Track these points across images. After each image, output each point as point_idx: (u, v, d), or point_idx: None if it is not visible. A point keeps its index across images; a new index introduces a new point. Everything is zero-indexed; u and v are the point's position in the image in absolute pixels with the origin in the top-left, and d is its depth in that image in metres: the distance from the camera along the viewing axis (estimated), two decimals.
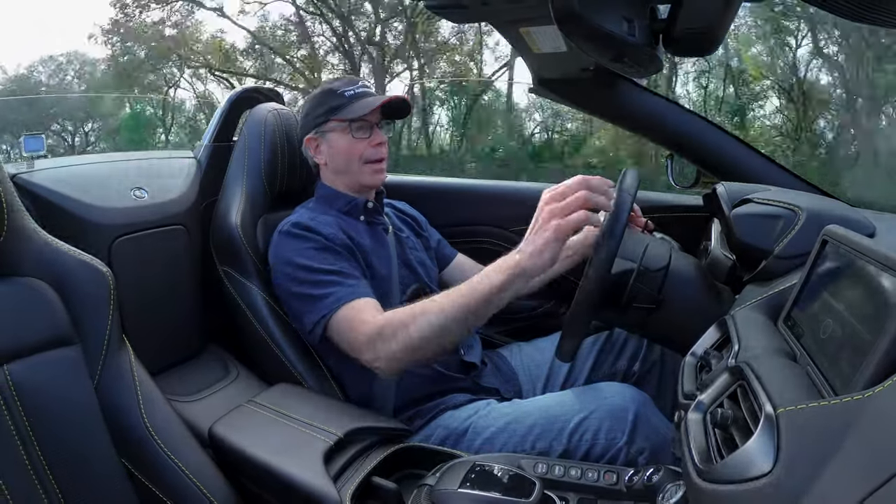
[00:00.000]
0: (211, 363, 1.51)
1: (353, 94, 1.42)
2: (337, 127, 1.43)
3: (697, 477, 0.61)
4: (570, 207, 1.07)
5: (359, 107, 1.40)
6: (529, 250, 1.08)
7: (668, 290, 1.11)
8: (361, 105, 1.40)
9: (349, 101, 1.41)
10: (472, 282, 1.14)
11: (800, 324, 0.76)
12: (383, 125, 1.47)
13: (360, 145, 1.43)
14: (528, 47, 1.36)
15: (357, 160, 1.43)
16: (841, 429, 0.49)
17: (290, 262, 1.32)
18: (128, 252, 1.37)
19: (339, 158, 1.46)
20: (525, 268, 1.09)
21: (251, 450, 1.03)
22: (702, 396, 0.76)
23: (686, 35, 0.93)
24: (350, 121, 1.41)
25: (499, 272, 1.11)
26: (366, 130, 1.43)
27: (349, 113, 1.41)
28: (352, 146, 1.43)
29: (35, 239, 0.93)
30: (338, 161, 1.46)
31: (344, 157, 1.45)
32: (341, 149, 1.44)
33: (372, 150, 1.43)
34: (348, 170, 1.45)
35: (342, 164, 1.46)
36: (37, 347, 0.88)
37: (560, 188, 1.09)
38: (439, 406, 1.33)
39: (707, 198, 1.28)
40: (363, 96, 1.42)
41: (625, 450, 1.12)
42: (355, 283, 1.28)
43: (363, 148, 1.43)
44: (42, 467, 0.84)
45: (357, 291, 1.27)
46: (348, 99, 1.42)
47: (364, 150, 1.43)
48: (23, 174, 1.33)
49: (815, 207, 1.00)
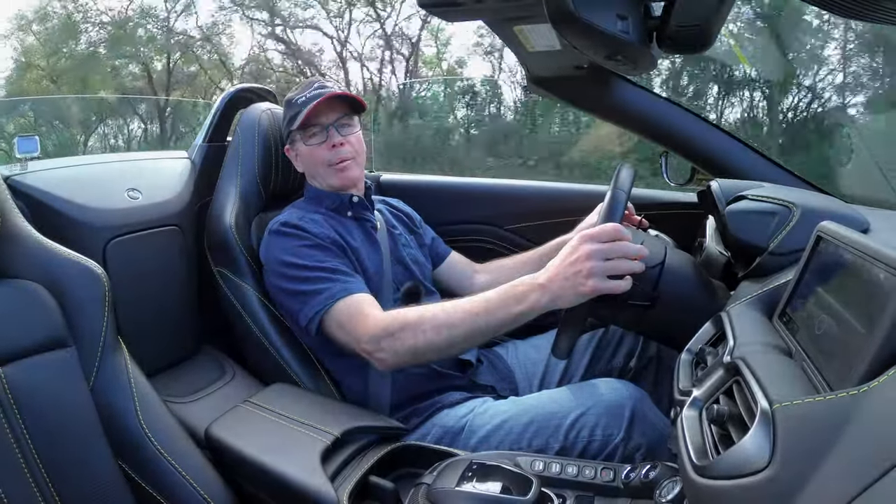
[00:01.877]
0: (206, 364, 1.50)
1: (305, 100, 1.41)
2: (297, 136, 1.44)
3: (694, 473, 0.61)
4: (613, 252, 1.05)
5: (307, 112, 1.39)
6: (558, 285, 1.07)
7: (664, 288, 1.11)
8: (309, 109, 1.39)
9: (300, 109, 1.41)
10: (491, 304, 1.13)
11: (795, 320, 0.76)
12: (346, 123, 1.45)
13: (318, 151, 1.42)
14: (521, 45, 1.35)
15: (321, 165, 1.43)
16: (836, 424, 0.49)
17: (282, 261, 1.32)
18: (122, 253, 1.36)
19: (306, 166, 1.47)
20: (546, 304, 1.09)
21: (248, 450, 1.03)
22: (697, 393, 0.76)
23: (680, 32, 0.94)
24: (301, 129, 1.42)
25: (519, 302, 1.11)
26: (320, 135, 1.42)
27: (299, 121, 1.40)
28: (311, 153, 1.43)
29: (29, 241, 0.93)
30: (307, 168, 1.47)
31: (309, 164, 1.46)
32: (305, 157, 1.46)
33: (329, 154, 1.42)
34: (317, 175, 1.46)
35: (311, 170, 1.47)
36: (32, 350, 0.88)
37: (596, 231, 1.06)
38: (435, 404, 1.33)
39: (701, 195, 1.28)
40: (312, 100, 1.40)
41: (622, 446, 1.13)
42: (349, 280, 1.28)
43: (321, 153, 1.42)
44: (38, 470, 0.84)
45: (353, 287, 1.27)
46: (299, 107, 1.41)
47: (322, 154, 1.42)
48: (16, 176, 1.33)
49: (810, 204, 1.01)
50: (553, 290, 1.07)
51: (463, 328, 1.14)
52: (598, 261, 1.04)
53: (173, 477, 0.94)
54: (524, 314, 1.11)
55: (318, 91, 1.42)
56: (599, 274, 1.03)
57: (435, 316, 1.16)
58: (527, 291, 1.10)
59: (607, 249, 1.04)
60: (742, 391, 0.66)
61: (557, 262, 1.09)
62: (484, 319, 1.13)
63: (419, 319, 1.16)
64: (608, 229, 1.06)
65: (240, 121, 1.60)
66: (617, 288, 1.04)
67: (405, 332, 1.16)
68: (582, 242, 1.06)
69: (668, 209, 1.77)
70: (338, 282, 1.27)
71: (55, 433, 0.87)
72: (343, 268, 1.30)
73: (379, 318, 1.20)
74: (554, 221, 1.66)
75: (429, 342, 1.15)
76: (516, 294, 1.11)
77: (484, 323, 1.13)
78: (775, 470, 0.51)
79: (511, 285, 1.13)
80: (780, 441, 0.52)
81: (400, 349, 1.17)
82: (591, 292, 1.04)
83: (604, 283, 1.03)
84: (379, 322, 1.19)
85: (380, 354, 1.19)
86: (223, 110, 1.71)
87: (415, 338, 1.16)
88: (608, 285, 1.03)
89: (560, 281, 1.06)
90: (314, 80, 1.47)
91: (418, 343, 1.15)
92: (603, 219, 1.10)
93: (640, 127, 1.70)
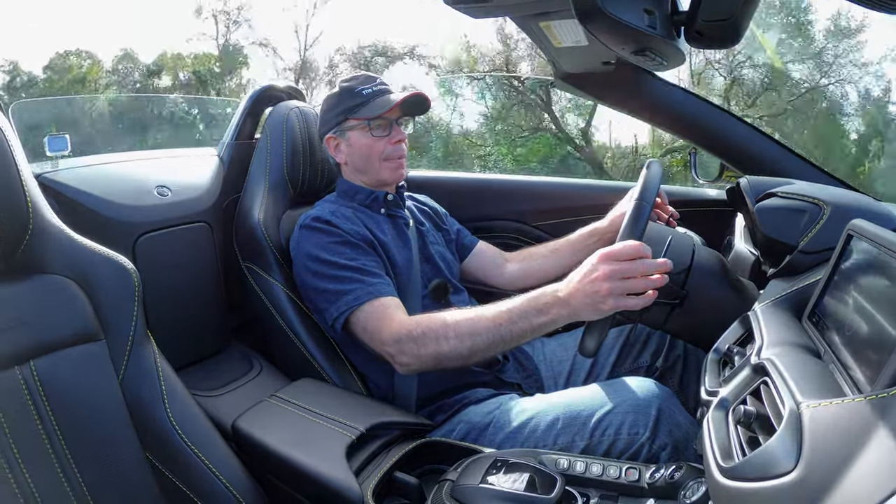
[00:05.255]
0: (234, 358, 1.52)
1: (371, 93, 1.42)
2: (356, 126, 1.44)
3: (719, 474, 0.61)
4: (632, 272, 1.04)
5: (377, 105, 1.41)
6: (578, 300, 1.08)
7: (692, 286, 1.10)
8: (379, 103, 1.41)
9: (367, 100, 1.42)
10: (514, 313, 1.15)
11: (824, 320, 0.75)
12: (403, 122, 1.48)
13: (380, 143, 1.43)
14: (549, 41, 1.35)
15: (377, 158, 1.44)
16: (865, 427, 0.49)
17: (312, 257, 1.33)
18: (152, 249, 1.38)
19: (358, 157, 1.46)
20: (566, 317, 1.11)
21: (274, 444, 1.04)
22: (724, 393, 0.75)
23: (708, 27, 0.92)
24: (369, 119, 1.42)
25: (541, 313, 1.13)
26: (385, 128, 1.43)
27: (368, 111, 1.41)
28: (371, 144, 1.43)
29: (61, 237, 0.95)
30: (357, 159, 1.47)
31: (363, 155, 1.45)
32: (361, 147, 1.45)
33: (391, 148, 1.43)
34: (368, 168, 1.46)
35: (361, 162, 1.46)
36: (63, 343, 0.90)
37: (616, 250, 1.06)
38: (462, 401, 1.33)
39: (730, 192, 1.26)
40: (381, 94, 1.42)
41: (647, 445, 1.11)
42: (377, 282, 1.29)
43: (382, 146, 1.43)
44: (67, 461, 0.86)
45: (380, 289, 1.28)
46: (366, 97, 1.42)
47: (384, 147, 1.43)
48: (48, 174, 1.35)
49: (840, 201, 0.99)
50: (573, 306, 1.08)
51: (486, 336, 1.16)
52: (616, 281, 1.04)
53: (200, 469, 0.96)
54: (545, 325, 1.13)
55: (384, 87, 1.44)
56: (619, 293, 1.04)
57: (458, 323, 1.18)
58: (550, 304, 1.12)
59: (627, 269, 1.04)
60: (769, 392, 0.66)
61: (578, 278, 1.09)
62: (507, 328, 1.15)
63: (443, 326, 1.18)
64: (628, 249, 1.05)
65: (268, 118, 1.61)
66: (636, 306, 1.04)
67: (429, 338, 1.18)
68: (601, 262, 1.06)
69: (696, 206, 1.75)
70: (365, 283, 1.28)
71: (84, 425, 0.89)
72: (372, 267, 1.31)
73: (404, 323, 1.22)
74: (580, 218, 1.65)
75: (452, 349, 1.17)
76: (538, 306, 1.13)
77: (507, 332, 1.15)
78: (802, 473, 0.50)
79: (534, 296, 1.15)
80: (808, 443, 0.52)
81: (423, 354, 1.19)
82: (612, 310, 1.05)
83: (623, 302, 1.04)
84: (403, 326, 1.21)
85: (402, 358, 1.21)
86: (251, 108, 1.72)
87: (438, 344, 1.18)
88: (628, 303, 1.05)
89: (580, 297, 1.07)
90: (373, 76, 1.49)
91: (441, 349, 1.18)
92: (625, 231, 1.09)
93: (668, 123, 1.69)
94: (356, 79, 1.47)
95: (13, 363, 0.85)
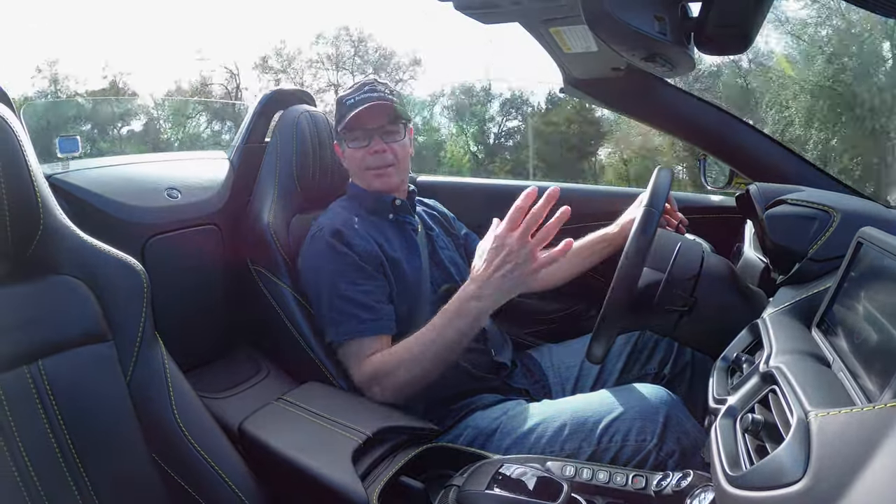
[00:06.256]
0: (242, 361, 1.52)
1: (353, 103, 1.42)
2: (343, 137, 1.46)
3: (727, 483, 0.61)
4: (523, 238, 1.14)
5: (347, 116, 1.41)
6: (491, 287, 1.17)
7: (700, 293, 1.10)
8: (349, 115, 1.41)
9: (348, 111, 1.42)
10: (437, 327, 1.23)
11: (833, 328, 0.75)
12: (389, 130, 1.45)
13: (359, 154, 1.44)
14: (558, 47, 1.35)
15: (360, 168, 1.45)
16: (874, 437, 0.48)
17: (318, 274, 1.35)
18: (161, 251, 1.39)
19: (350, 166, 1.49)
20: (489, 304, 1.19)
21: (280, 447, 1.04)
22: (732, 401, 0.75)
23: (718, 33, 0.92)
24: (346, 131, 1.43)
25: (460, 316, 1.21)
26: (363, 139, 1.43)
27: (343, 124, 1.42)
28: (353, 155, 1.45)
29: (70, 237, 0.95)
30: (351, 168, 1.49)
31: (351, 165, 1.48)
32: (348, 158, 1.48)
33: (371, 159, 1.43)
34: (359, 177, 1.48)
35: (353, 171, 1.48)
36: (71, 343, 0.90)
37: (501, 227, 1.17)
38: (469, 406, 1.33)
39: (740, 199, 1.26)
40: (360, 104, 1.41)
41: (654, 452, 1.11)
42: (368, 318, 1.31)
43: (361, 157, 1.44)
44: (74, 460, 0.86)
45: (367, 329, 1.31)
46: (347, 108, 1.42)
47: (363, 158, 1.44)
48: (58, 175, 1.35)
49: (850, 209, 0.98)
50: (487, 293, 1.18)
51: (428, 357, 1.22)
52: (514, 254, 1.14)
53: (206, 471, 0.96)
54: (471, 323, 1.21)
55: (367, 95, 1.43)
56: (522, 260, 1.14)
57: (401, 358, 1.25)
58: (463, 302, 1.20)
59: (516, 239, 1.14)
60: (778, 400, 0.65)
61: (482, 267, 1.19)
62: (441, 342, 1.22)
63: (396, 365, 1.25)
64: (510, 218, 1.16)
65: (278, 122, 1.61)
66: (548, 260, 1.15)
67: (387, 379, 1.25)
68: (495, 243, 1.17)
69: (705, 213, 1.75)
70: (358, 319, 1.30)
71: (92, 425, 0.89)
72: (370, 300, 1.32)
73: (371, 365, 1.28)
74: (588, 224, 1.65)
75: (407, 381, 1.24)
76: (453, 311, 1.21)
77: (441, 345, 1.22)
78: (810, 482, 0.50)
79: (445, 307, 1.23)
80: (816, 453, 0.51)
81: (386, 393, 1.26)
82: (532, 274, 1.15)
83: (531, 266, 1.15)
84: (369, 370, 1.28)
85: (372, 396, 1.27)
86: (261, 112, 1.73)
87: (395, 381, 1.25)
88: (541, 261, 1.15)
89: (491, 283, 1.17)
90: (367, 82, 1.48)
91: (399, 383, 1.25)
92: (634, 238, 1.10)
93: (677, 129, 1.69)
94: (352, 87, 1.48)
95: (21, 362, 0.85)
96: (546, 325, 1.89)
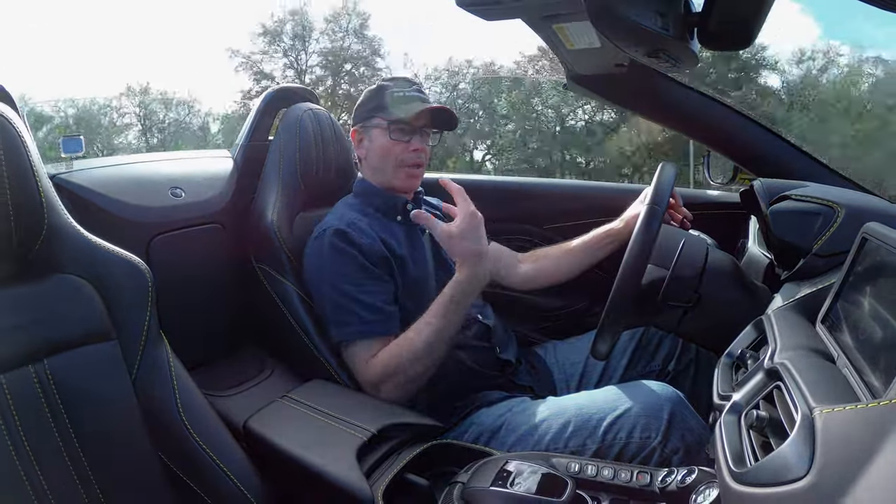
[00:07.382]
0: (246, 359, 1.52)
1: (403, 96, 1.42)
2: (380, 124, 1.44)
3: (731, 479, 0.60)
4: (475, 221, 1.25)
5: (403, 108, 1.40)
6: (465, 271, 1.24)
7: (705, 289, 1.10)
8: (406, 107, 1.40)
9: (396, 102, 1.42)
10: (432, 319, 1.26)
11: (838, 324, 0.74)
12: (428, 133, 1.47)
13: (397, 147, 1.42)
14: (561, 44, 1.34)
15: (392, 162, 1.43)
16: (879, 433, 0.48)
17: (321, 275, 1.35)
18: (165, 250, 1.39)
19: (375, 156, 1.46)
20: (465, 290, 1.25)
21: (285, 444, 1.05)
22: (737, 397, 0.75)
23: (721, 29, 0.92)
24: (391, 122, 1.42)
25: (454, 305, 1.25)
26: (406, 134, 1.42)
27: (392, 113, 1.41)
28: (388, 147, 1.43)
29: (74, 237, 0.96)
30: (374, 158, 1.46)
31: (380, 155, 1.45)
32: (378, 147, 1.45)
33: (408, 155, 1.43)
34: (382, 169, 1.45)
35: (377, 162, 1.46)
36: (76, 342, 0.90)
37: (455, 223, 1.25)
38: (473, 403, 1.34)
39: (744, 195, 1.26)
40: (411, 100, 1.42)
41: (659, 449, 1.11)
42: (373, 319, 1.31)
43: (399, 151, 1.42)
44: (79, 459, 0.87)
45: (372, 329, 1.31)
46: (396, 99, 1.42)
47: (400, 152, 1.42)
48: (62, 174, 1.36)
49: (855, 204, 0.98)
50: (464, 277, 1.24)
51: (436, 343, 1.25)
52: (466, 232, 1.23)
53: (211, 469, 0.96)
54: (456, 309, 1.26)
55: (418, 94, 1.45)
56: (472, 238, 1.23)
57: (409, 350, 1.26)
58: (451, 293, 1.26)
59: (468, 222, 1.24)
60: (782, 397, 0.65)
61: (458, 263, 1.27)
62: (442, 324, 1.25)
63: (405, 361, 1.26)
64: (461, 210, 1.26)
65: (282, 120, 1.61)
66: None
67: (397, 376, 1.26)
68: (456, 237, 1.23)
69: (710, 209, 1.74)
70: (362, 320, 1.30)
71: (97, 423, 0.89)
72: (375, 298, 1.32)
73: (377, 366, 1.28)
74: (592, 220, 1.64)
75: (418, 373, 1.26)
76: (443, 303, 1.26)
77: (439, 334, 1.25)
78: (815, 478, 0.50)
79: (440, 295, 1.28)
80: (821, 449, 0.51)
81: (399, 390, 1.27)
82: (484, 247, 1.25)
83: None
84: (377, 370, 1.28)
85: (383, 395, 1.28)
86: (264, 110, 1.73)
87: (406, 376, 1.26)
88: None
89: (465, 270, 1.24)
90: (413, 80, 1.50)
91: (410, 376, 1.26)
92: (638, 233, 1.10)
93: (681, 124, 1.68)
94: (395, 80, 1.48)
95: (27, 362, 0.86)
96: (550, 322, 1.89)
